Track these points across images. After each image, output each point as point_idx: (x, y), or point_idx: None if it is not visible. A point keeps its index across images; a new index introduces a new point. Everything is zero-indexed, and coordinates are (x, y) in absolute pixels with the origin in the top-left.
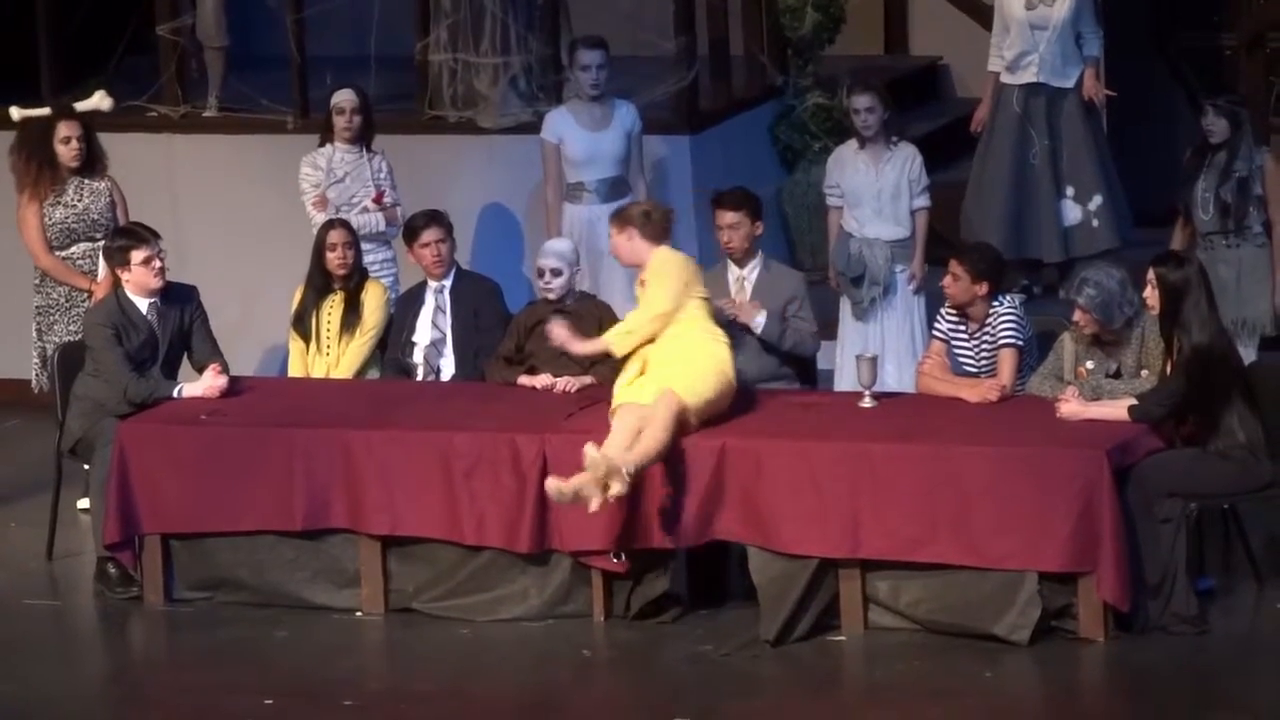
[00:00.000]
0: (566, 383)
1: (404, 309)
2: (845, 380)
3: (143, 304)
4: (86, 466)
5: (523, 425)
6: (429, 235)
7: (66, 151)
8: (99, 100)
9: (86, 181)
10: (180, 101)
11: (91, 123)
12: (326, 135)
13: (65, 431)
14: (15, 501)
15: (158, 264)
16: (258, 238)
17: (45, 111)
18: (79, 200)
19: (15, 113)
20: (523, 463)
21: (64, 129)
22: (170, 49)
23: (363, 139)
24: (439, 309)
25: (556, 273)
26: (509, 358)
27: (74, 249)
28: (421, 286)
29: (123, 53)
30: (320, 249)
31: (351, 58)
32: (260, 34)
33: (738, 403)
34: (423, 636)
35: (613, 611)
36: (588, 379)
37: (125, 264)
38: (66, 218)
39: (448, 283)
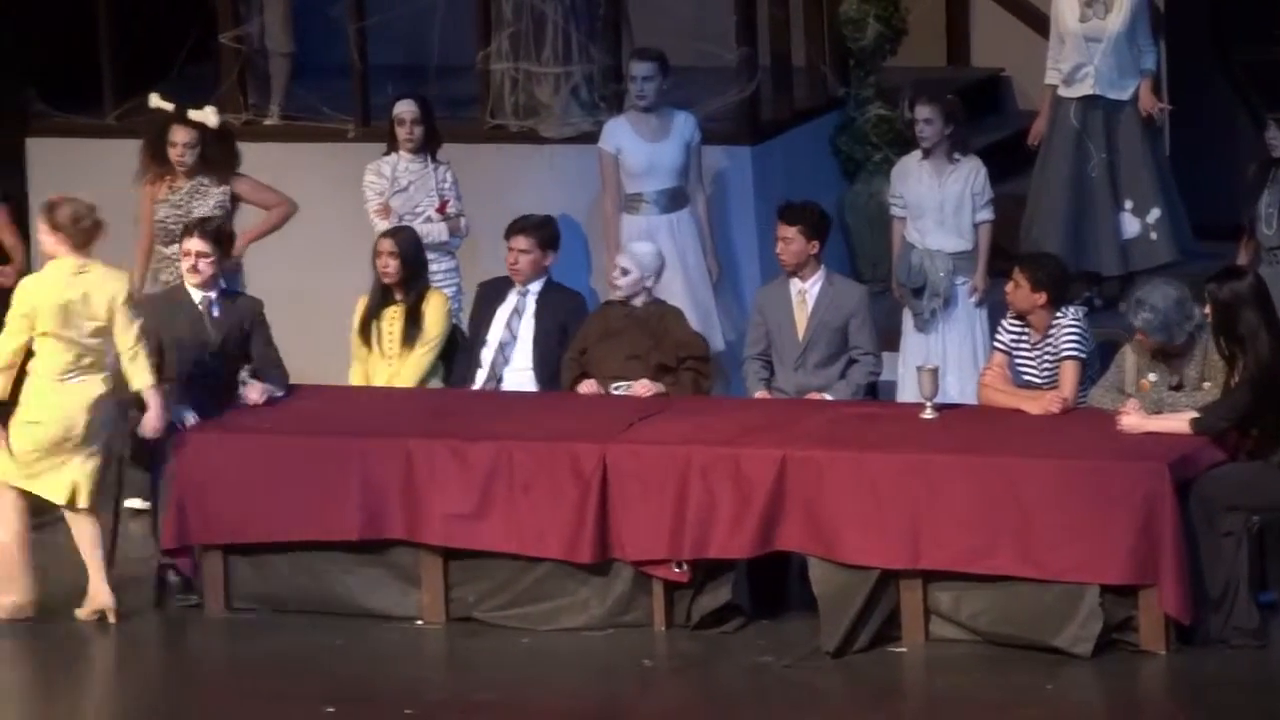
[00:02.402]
0: (645, 386)
1: (485, 300)
2: (907, 391)
3: (205, 300)
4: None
5: (583, 435)
6: (515, 242)
7: (173, 154)
8: (207, 115)
9: (204, 185)
10: (242, 109)
11: (222, 129)
12: (392, 144)
13: (125, 438)
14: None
15: (190, 261)
16: (318, 246)
17: (168, 108)
18: (186, 201)
19: (153, 99)
20: (583, 472)
21: (174, 132)
22: (232, 57)
23: (426, 149)
24: (517, 311)
25: (625, 271)
26: (574, 359)
27: (172, 248)
28: (507, 281)
29: (184, 60)
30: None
31: (413, 66)
32: (322, 43)
33: (799, 413)
34: (483, 646)
35: (674, 621)
36: (659, 386)
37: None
38: (168, 217)
39: (533, 288)
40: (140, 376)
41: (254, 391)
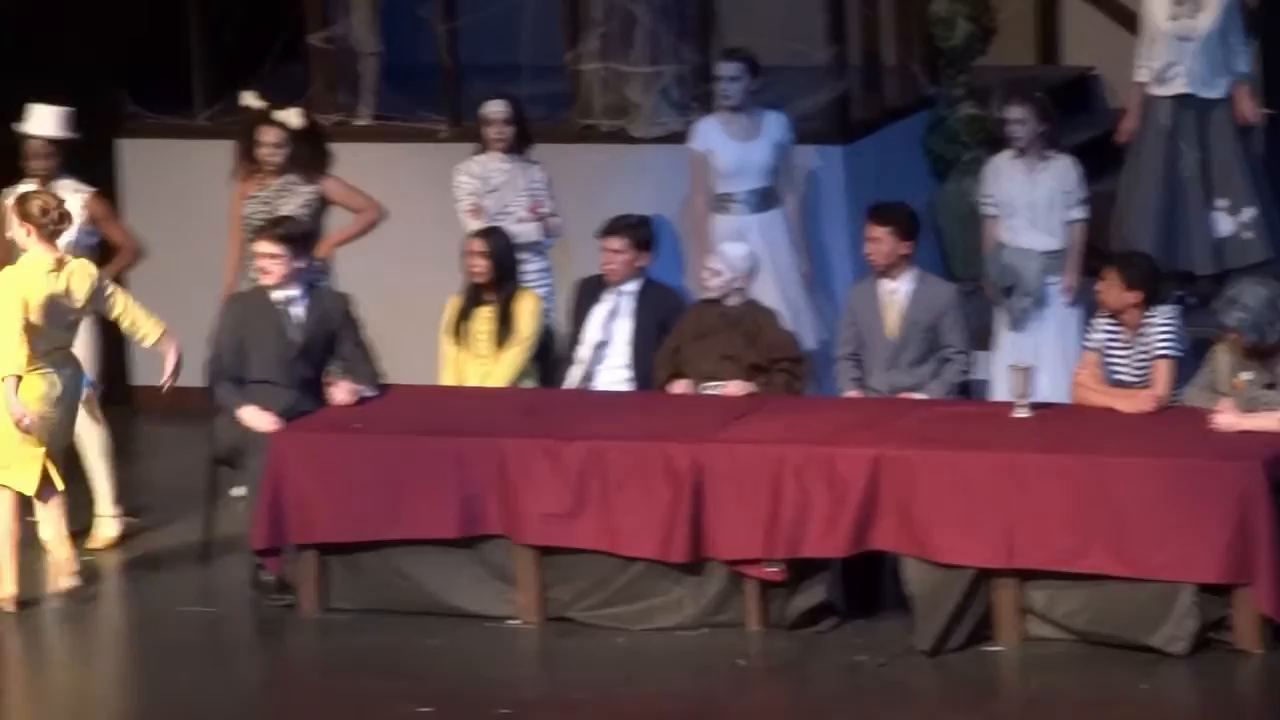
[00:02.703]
0: (737, 387)
1: (584, 297)
2: (1000, 391)
3: (285, 300)
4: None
5: (676, 434)
6: (609, 242)
7: (261, 153)
8: (289, 116)
9: (292, 184)
10: (332, 110)
11: (312, 130)
12: (483, 144)
13: (215, 439)
14: (170, 509)
15: (261, 262)
16: (408, 245)
17: (259, 106)
18: (273, 199)
19: (244, 97)
20: (677, 472)
21: (262, 131)
22: (321, 58)
23: (517, 149)
24: (613, 312)
25: (716, 273)
26: (667, 358)
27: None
28: (603, 280)
29: (275, 61)
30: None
31: (503, 66)
32: (412, 43)
33: (892, 412)
34: (578, 645)
35: (768, 621)
36: (751, 386)
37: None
38: (254, 213)
39: (629, 288)
40: (149, 331)
41: (341, 391)
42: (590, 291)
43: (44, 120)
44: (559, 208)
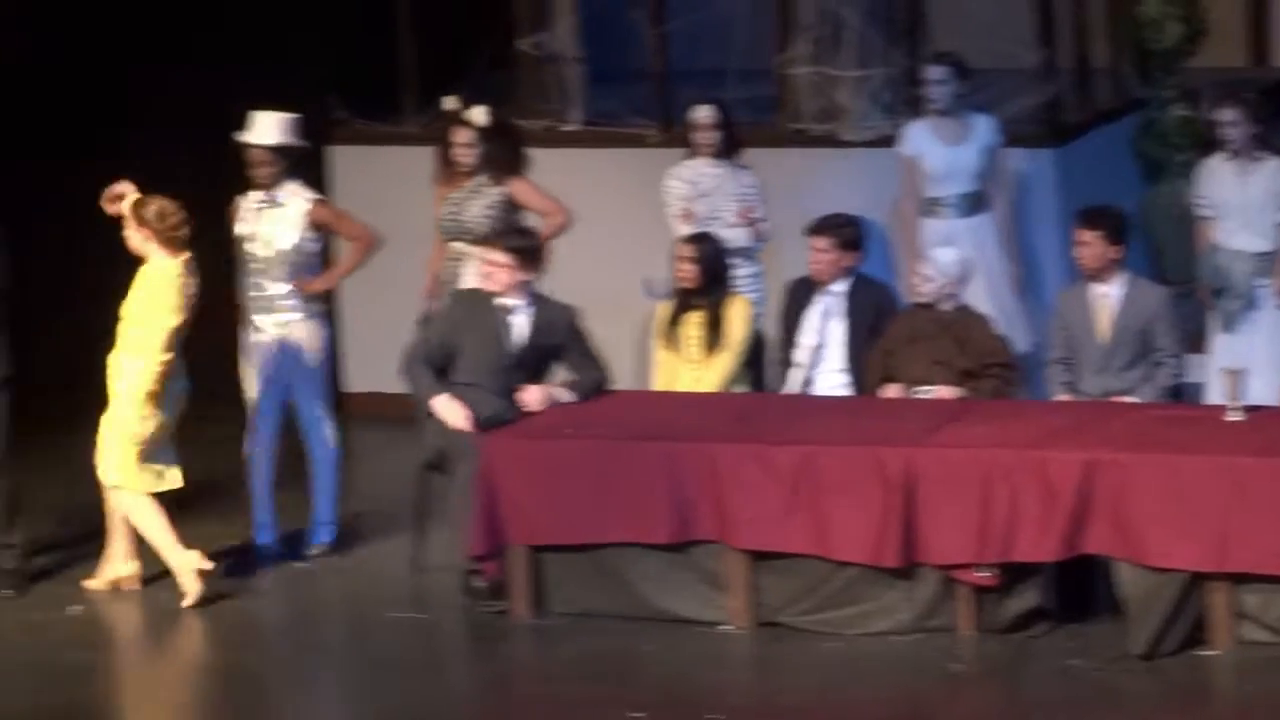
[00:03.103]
0: (948, 393)
1: (795, 298)
2: (1214, 394)
3: (507, 308)
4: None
5: (888, 439)
6: (814, 242)
7: (453, 154)
8: (476, 115)
9: (482, 185)
10: (542, 115)
11: (504, 131)
12: (693, 149)
13: (425, 445)
14: (383, 515)
15: (489, 268)
16: (618, 251)
17: (452, 109)
18: (463, 201)
19: (446, 102)
20: (889, 476)
21: (454, 132)
22: (531, 63)
23: (727, 153)
24: (826, 314)
25: (928, 279)
26: (878, 362)
27: (452, 246)
28: (813, 284)
29: (485, 67)
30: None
31: (713, 71)
32: (622, 48)
33: (1103, 416)
34: (790, 650)
35: (981, 625)
36: (960, 391)
37: None
38: (446, 215)
39: (839, 289)
40: None
41: (531, 395)
42: (799, 293)
43: (262, 128)
44: (769, 212)
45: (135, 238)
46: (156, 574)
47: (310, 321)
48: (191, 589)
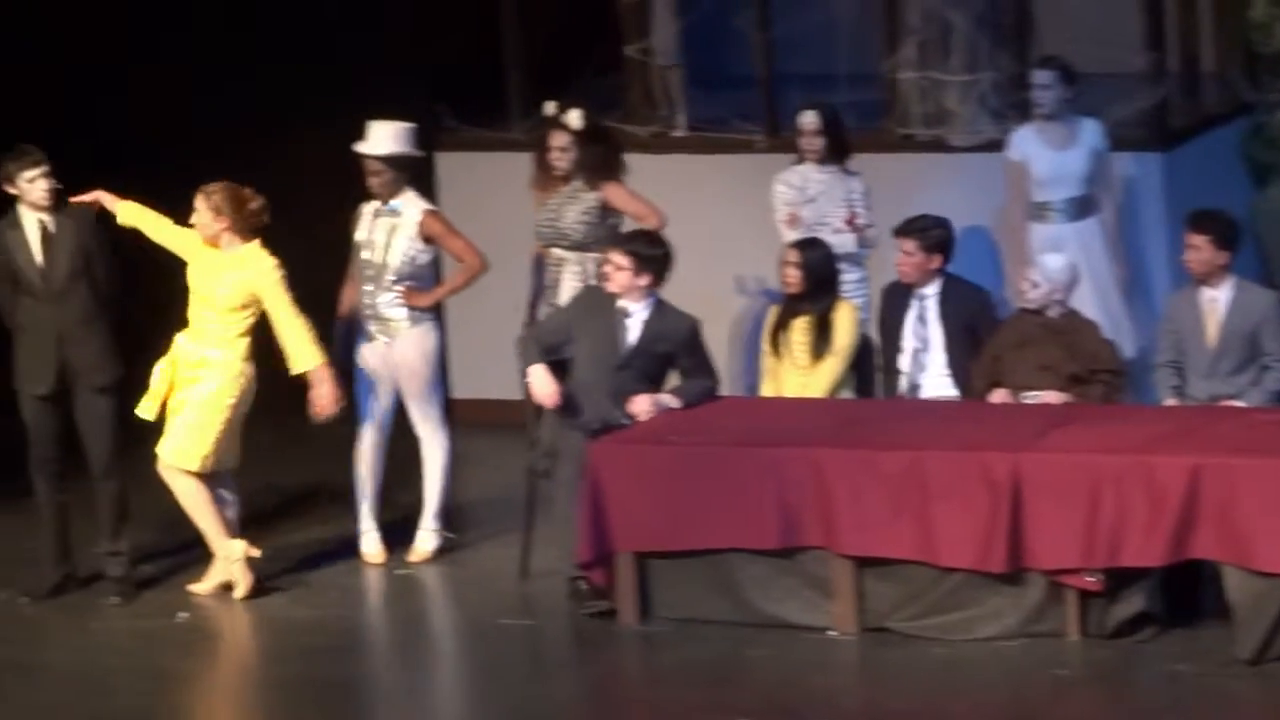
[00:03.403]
0: (1055, 398)
1: (890, 303)
2: None
3: (625, 311)
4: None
5: (994, 443)
6: (902, 243)
7: (549, 157)
8: (571, 118)
9: (578, 190)
10: (648, 121)
11: (599, 134)
12: (800, 154)
13: (534, 447)
14: (489, 521)
15: (608, 268)
16: (726, 256)
17: (551, 114)
18: (559, 206)
19: (547, 107)
20: (995, 481)
21: (550, 136)
22: (637, 69)
23: (834, 159)
24: (920, 318)
25: (1035, 285)
26: (985, 367)
27: (550, 252)
28: (907, 287)
29: (591, 73)
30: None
31: (821, 75)
32: (728, 52)
33: (1211, 420)
34: (896, 655)
35: (1087, 630)
36: (1067, 396)
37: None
38: (542, 221)
39: (929, 290)
40: None
41: (638, 405)
42: (894, 297)
43: (376, 138)
44: (877, 217)
45: (210, 226)
46: (268, 574)
47: (420, 328)
48: (242, 579)
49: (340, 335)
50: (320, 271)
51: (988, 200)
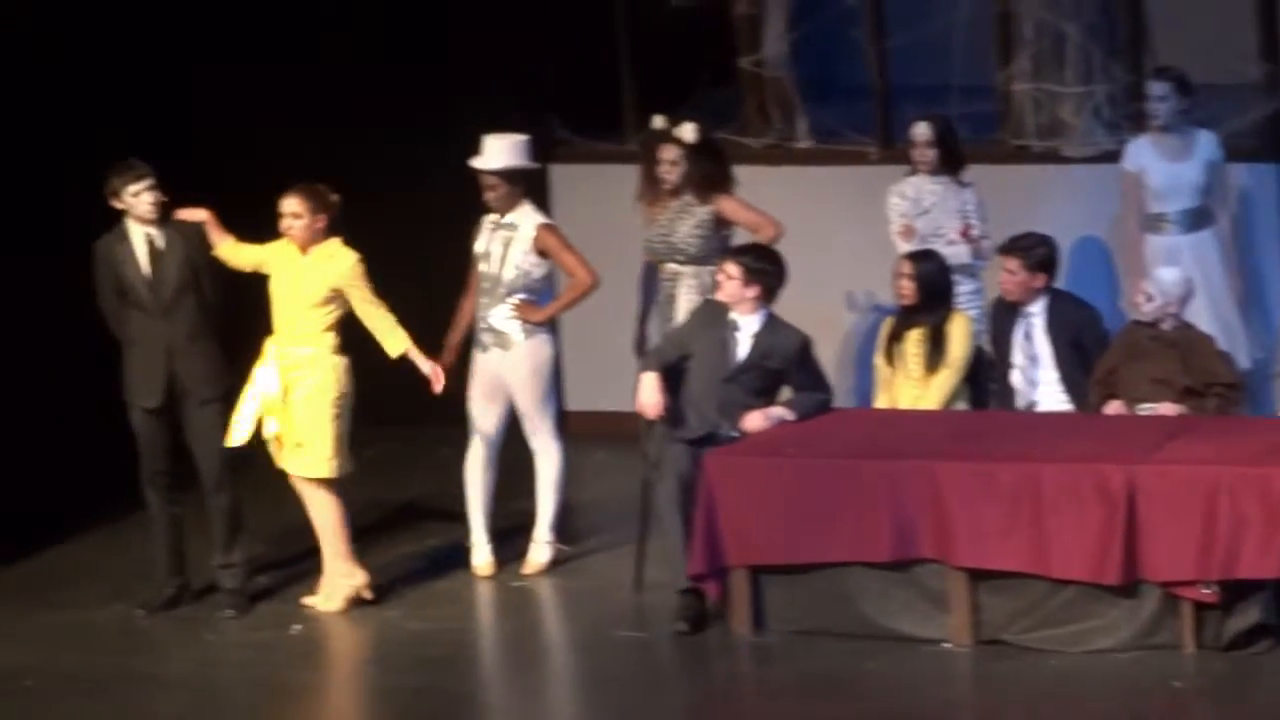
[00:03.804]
0: (1170, 409)
1: (998, 318)
2: None
3: (735, 323)
4: None
5: (1108, 456)
6: (1005, 261)
7: (658, 171)
8: (684, 131)
9: (689, 204)
10: (762, 133)
11: (710, 148)
12: (913, 166)
13: (647, 459)
14: (603, 533)
15: (719, 277)
16: (840, 268)
17: (661, 127)
18: (671, 221)
19: (655, 120)
20: (1110, 493)
21: (660, 150)
22: (751, 81)
23: (946, 170)
24: (1026, 335)
25: (1150, 298)
26: (1100, 380)
27: (665, 268)
28: (1014, 303)
29: (706, 85)
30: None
31: (935, 87)
32: (842, 64)
33: None
34: (1012, 668)
35: (1203, 643)
36: (1182, 408)
37: None
38: (653, 236)
39: (1035, 308)
40: None
41: (751, 421)
42: (1001, 313)
43: (491, 152)
44: (991, 228)
45: (308, 230)
46: (384, 583)
47: (533, 341)
48: (339, 598)
49: (458, 346)
50: (437, 285)
51: (1101, 212)
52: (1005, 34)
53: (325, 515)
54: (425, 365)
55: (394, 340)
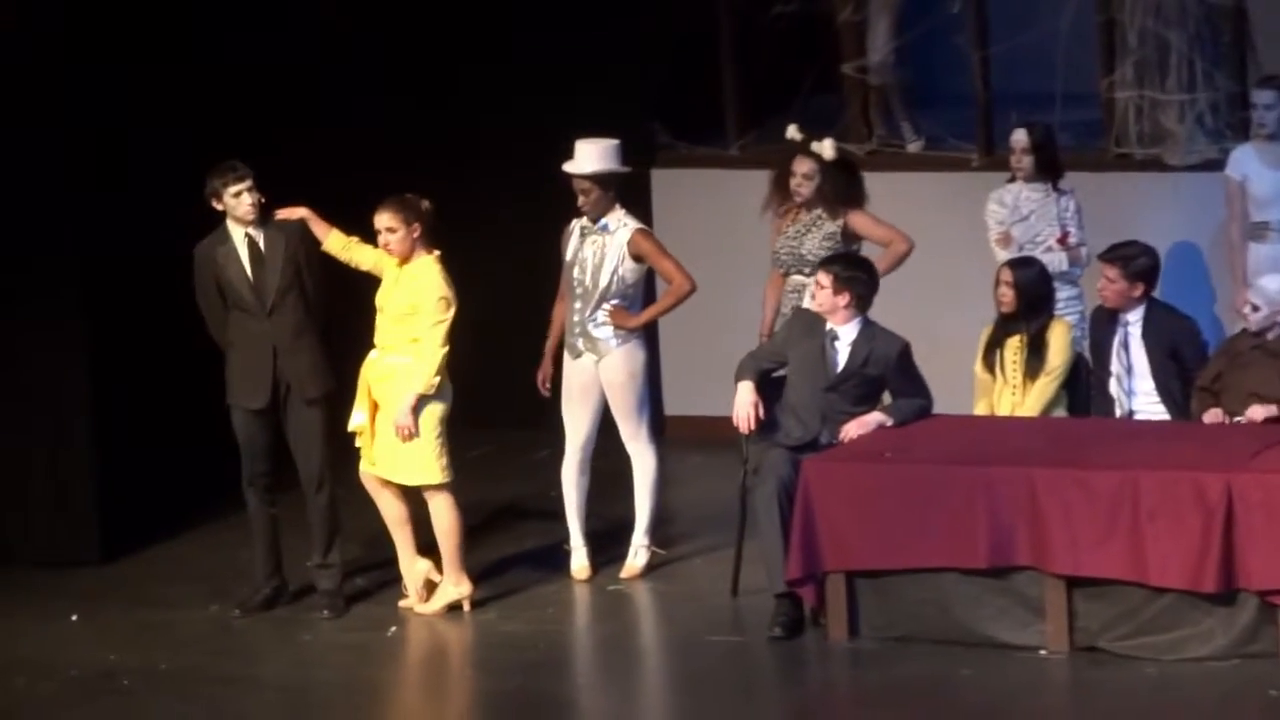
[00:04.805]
0: (1259, 411)
1: (1095, 327)
2: None
3: (833, 333)
4: None
5: (1206, 463)
6: (1105, 269)
7: (791, 183)
8: (824, 147)
9: (819, 219)
10: (865, 140)
11: (845, 163)
12: (1012, 173)
13: (748, 463)
14: (701, 538)
15: (815, 288)
16: (941, 275)
17: (799, 139)
18: (800, 235)
19: (789, 130)
20: (1208, 501)
21: (796, 162)
22: (855, 87)
23: (1044, 177)
24: (1123, 343)
25: (1255, 308)
26: (1205, 387)
27: (790, 280)
28: (1113, 312)
29: (809, 91)
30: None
31: (1038, 94)
32: (944, 71)
33: None
34: (1108, 675)
35: None
36: (1271, 410)
37: None
38: (781, 249)
39: (1133, 317)
40: None
41: (849, 430)
42: (1101, 321)
43: (582, 157)
44: (1092, 236)
45: (405, 241)
46: (481, 585)
47: (627, 346)
48: (439, 603)
49: (555, 351)
50: (526, 291)
51: (1203, 220)
52: (1109, 42)
53: (442, 521)
54: (404, 420)
55: (418, 379)
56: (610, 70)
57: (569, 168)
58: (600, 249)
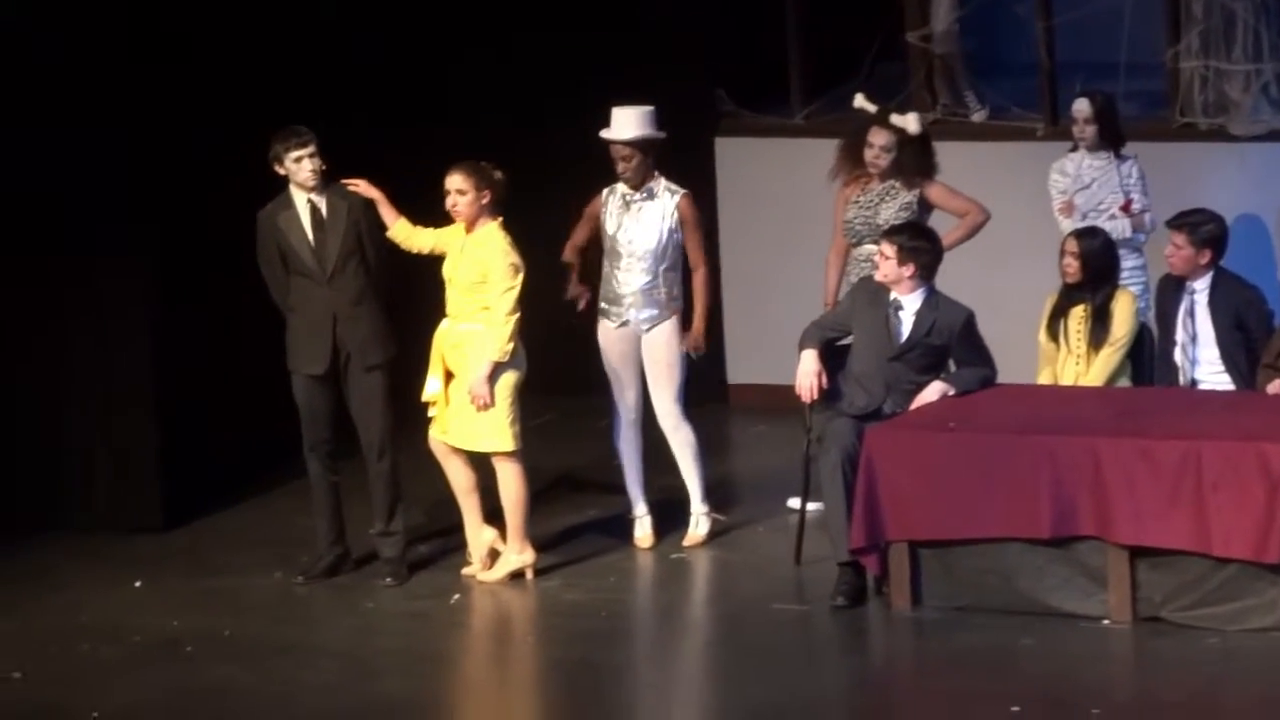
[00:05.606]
0: None
1: (1161, 296)
2: None
3: (897, 302)
4: None
5: (1271, 434)
6: (1173, 235)
7: (868, 155)
8: (908, 121)
9: (894, 189)
10: (930, 109)
11: (922, 136)
12: (1075, 142)
13: (811, 431)
14: (765, 506)
15: (878, 257)
16: (1006, 244)
17: (871, 109)
18: (875, 204)
19: (857, 99)
20: (1272, 472)
21: (873, 134)
22: (920, 56)
23: (1106, 146)
24: (1189, 311)
25: None
26: (1270, 364)
27: (860, 250)
28: (1180, 280)
29: (873, 59)
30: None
31: (1102, 64)
32: (1009, 41)
33: None
34: (1170, 646)
35: None
36: None
37: None
38: (855, 218)
39: (1200, 285)
40: None
41: (930, 392)
42: (1167, 290)
43: (620, 123)
44: (1156, 206)
45: (473, 205)
46: (544, 553)
47: (670, 322)
48: (502, 570)
49: (578, 252)
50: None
51: (1268, 190)
52: (1174, 11)
53: (510, 489)
54: (480, 390)
55: (492, 347)
56: (675, 38)
57: (607, 134)
58: (642, 215)
